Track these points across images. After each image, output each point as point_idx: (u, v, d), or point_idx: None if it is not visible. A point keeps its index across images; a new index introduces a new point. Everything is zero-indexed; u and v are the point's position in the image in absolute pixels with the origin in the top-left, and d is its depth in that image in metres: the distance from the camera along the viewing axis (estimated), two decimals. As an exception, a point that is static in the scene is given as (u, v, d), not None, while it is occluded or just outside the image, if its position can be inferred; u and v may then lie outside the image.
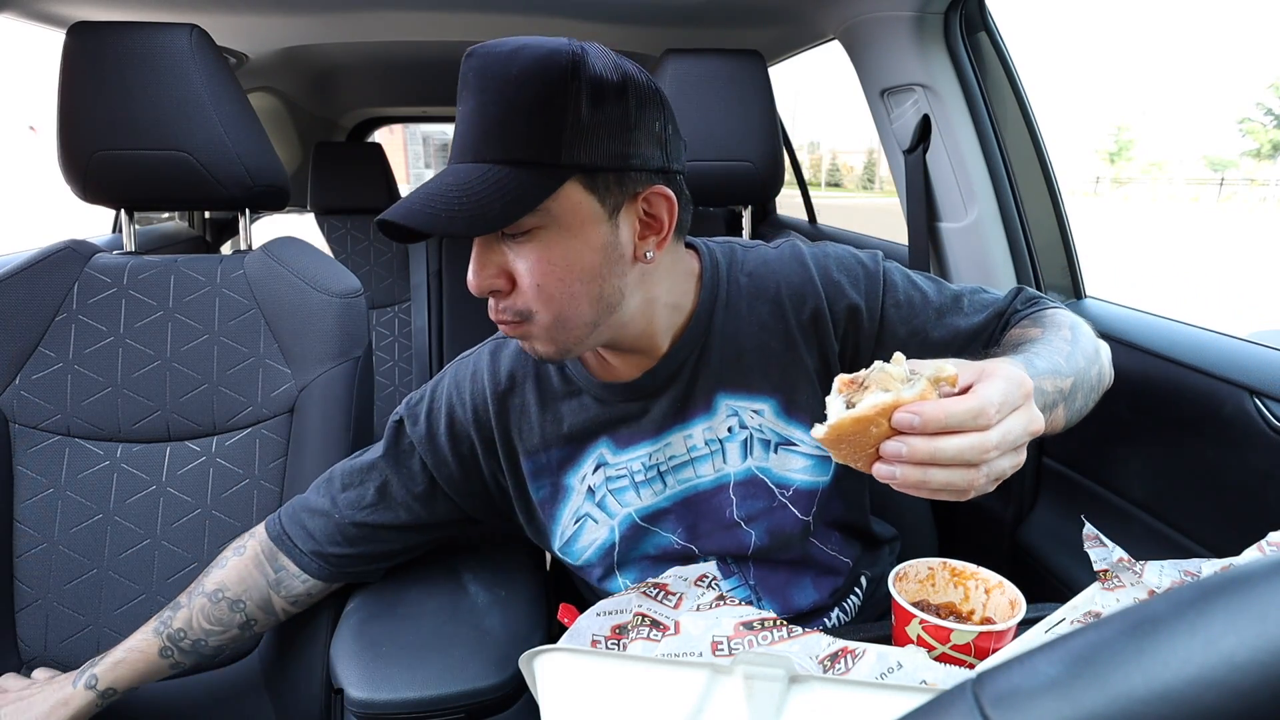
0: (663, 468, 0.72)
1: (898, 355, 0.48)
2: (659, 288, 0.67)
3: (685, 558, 0.74)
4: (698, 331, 0.71)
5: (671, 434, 0.72)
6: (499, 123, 0.57)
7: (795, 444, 0.73)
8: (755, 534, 0.73)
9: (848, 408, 0.46)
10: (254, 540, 0.79)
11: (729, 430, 0.72)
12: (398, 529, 0.77)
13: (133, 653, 0.76)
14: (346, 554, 0.77)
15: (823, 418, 0.47)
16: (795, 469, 0.73)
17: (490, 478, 0.77)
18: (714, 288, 0.71)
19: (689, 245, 0.74)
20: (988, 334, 0.72)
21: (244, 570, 0.77)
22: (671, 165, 0.63)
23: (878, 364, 0.48)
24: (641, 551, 0.75)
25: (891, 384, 0.46)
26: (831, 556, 0.79)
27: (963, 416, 0.44)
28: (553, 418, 0.73)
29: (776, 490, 0.73)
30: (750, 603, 0.75)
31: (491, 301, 0.62)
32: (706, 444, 0.72)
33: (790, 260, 0.73)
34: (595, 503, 0.74)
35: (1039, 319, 0.70)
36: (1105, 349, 0.72)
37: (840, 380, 0.48)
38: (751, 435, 0.72)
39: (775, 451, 0.73)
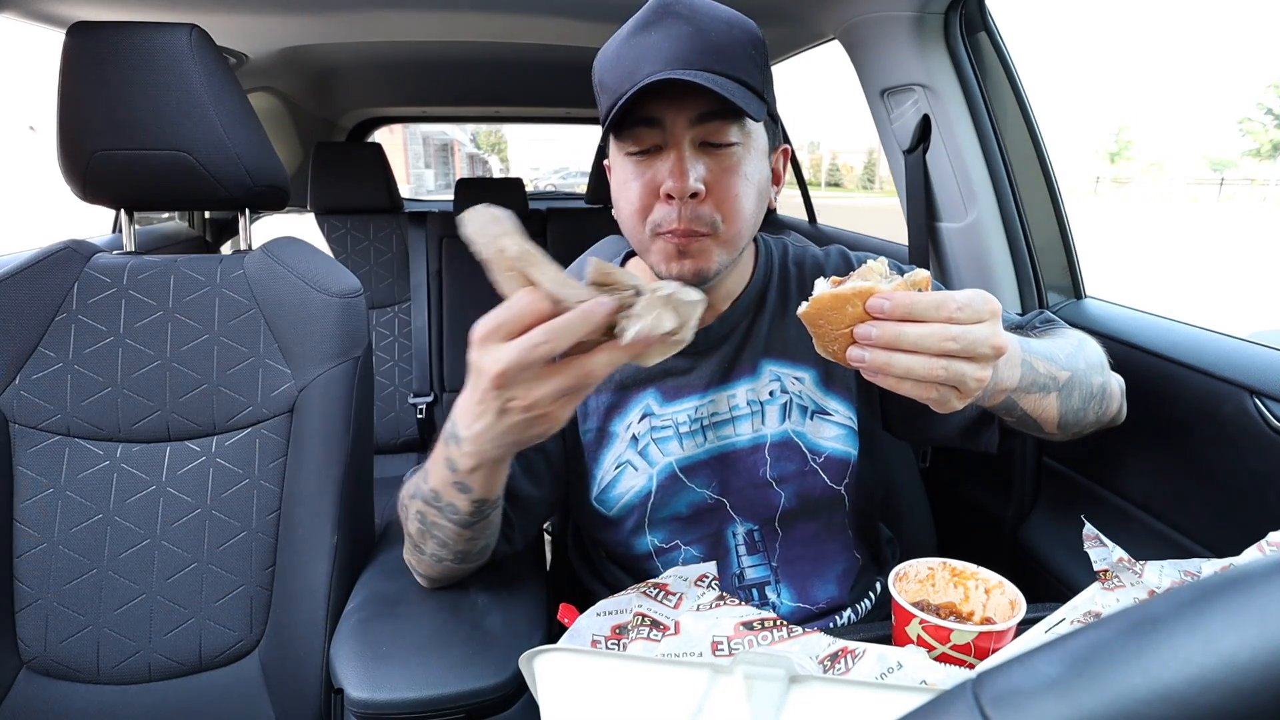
0: (705, 422, 0.77)
1: (881, 257, 0.54)
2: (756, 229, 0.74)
3: (716, 512, 0.78)
4: (752, 300, 0.79)
5: (717, 392, 0.77)
6: (725, 49, 0.63)
7: (830, 414, 0.79)
8: (785, 495, 0.78)
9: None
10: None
11: (770, 394, 0.78)
12: (524, 496, 0.75)
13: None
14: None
15: (853, 390, 0.57)
16: (828, 437, 0.78)
17: None
18: (768, 267, 0.81)
19: None
20: None
21: None
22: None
23: (865, 262, 0.54)
24: (673, 510, 0.77)
25: (872, 276, 0.52)
26: (852, 552, 0.82)
27: (926, 306, 0.49)
28: None
29: (809, 455, 0.78)
30: (767, 584, 0.77)
31: (678, 211, 0.65)
32: (748, 404, 0.77)
33: (837, 257, 0.83)
34: (638, 450, 0.77)
35: (1051, 331, 0.76)
36: (1118, 378, 0.75)
37: (832, 279, 0.53)
38: (791, 400, 0.78)
39: (811, 418, 0.78)
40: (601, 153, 2.61)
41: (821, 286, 0.52)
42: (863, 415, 0.80)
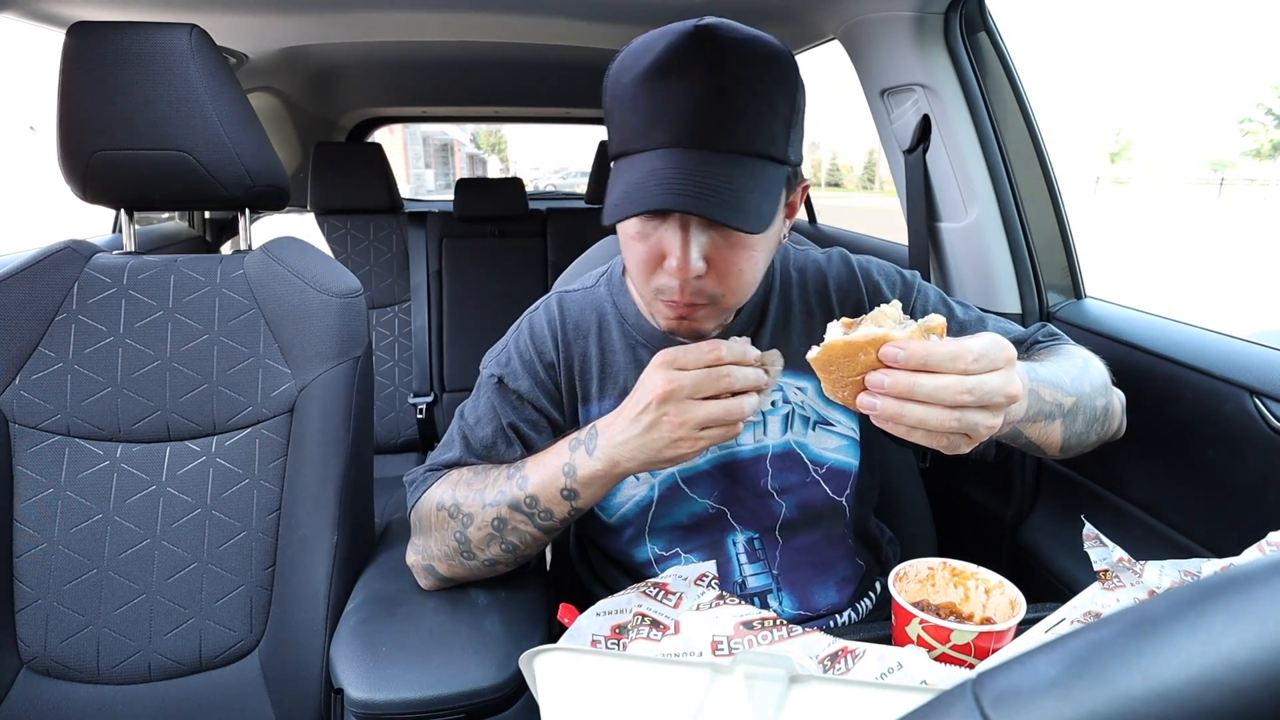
0: None
1: (895, 301, 0.52)
2: None
3: (717, 521, 0.77)
4: (755, 310, 0.77)
5: None
6: (749, 114, 0.57)
7: (832, 424, 0.78)
8: (786, 505, 0.77)
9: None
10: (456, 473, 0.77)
11: (773, 404, 0.77)
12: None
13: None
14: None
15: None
16: (830, 448, 0.78)
17: (570, 412, 0.79)
18: (770, 275, 0.78)
19: None
20: None
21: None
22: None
23: (878, 306, 0.52)
24: (674, 519, 0.77)
25: (885, 321, 0.50)
26: (853, 558, 0.82)
27: (942, 357, 0.48)
28: (610, 371, 0.77)
29: (811, 466, 0.77)
30: (769, 592, 0.77)
31: (679, 284, 0.62)
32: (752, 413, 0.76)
33: (839, 262, 0.81)
34: None
35: (1055, 349, 0.75)
36: (1119, 395, 0.75)
37: (843, 320, 0.52)
38: (794, 410, 0.77)
39: (813, 429, 0.78)
40: (602, 153, 2.62)
41: (834, 332, 0.50)
42: (865, 425, 0.80)
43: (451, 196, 2.31)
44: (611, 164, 0.64)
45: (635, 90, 0.58)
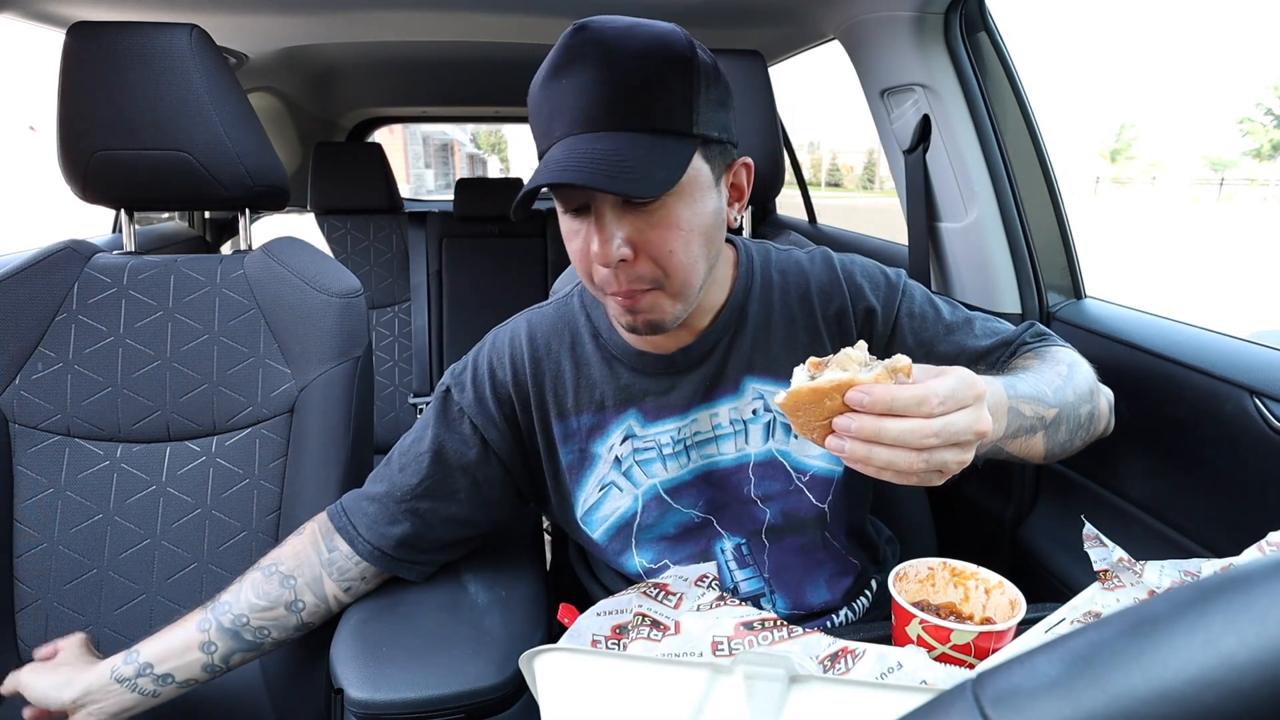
0: (688, 442, 0.76)
1: (860, 343, 0.52)
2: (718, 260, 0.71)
3: (704, 529, 0.77)
4: (732, 315, 0.75)
5: (699, 411, 0.75)
6: (637, 93, 0.59)
7: None
8: (770, 512, 0.76)
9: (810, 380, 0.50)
10: (313, 523, 0.78)
11: (753, 412, 0.75)
12: (450, 515, 0.77)
13: (172, 629, 0.75)
14: (401, 536, 0.75)
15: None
16: (813, 454, 0.76)
17: (529, 439, 0.78)
18: (749, 278, 0.77)
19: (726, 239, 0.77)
20: (993, 359, 0.75)
21: (299, 547, 0.76)
22: (735, 140, 0.70)
23: (843, 349, 0.51)
24: (660, 530, 0.77)
25: (850, 365, 0.50)
26: (844, 557, 0.81)
27: (907, 402, 0.48)
28: (586, 384, 0.76)
29: (794, 474, 0.76)
30: (763, 595, 0.76)
31: (613, 273, 0.63)
32: (731, 423, 0.76)
33: (821, 264, 0.79)
34: (621, 472, 0.76)
35: (1041, 353, 0.73)
36: (1107, 394, 0.74)
37: (810, 360, 0.52)
38: (775, 418, 0.75)
39: (796, 436, 0.76)
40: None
41: (799, 378, 0.50)
42: None
43: (451, 196, 2.31)
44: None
45: (536, 97, 0.63)
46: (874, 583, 0.84)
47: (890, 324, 0.76)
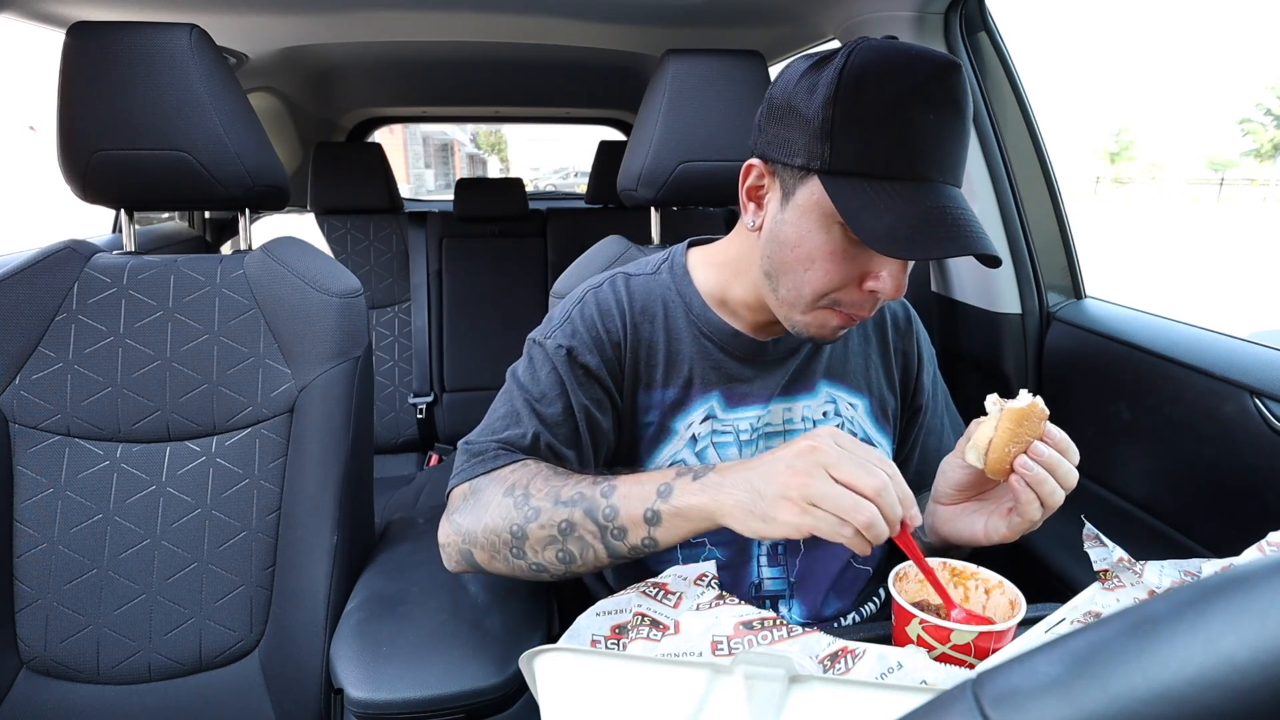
0: (763, 432, 0.78)
1: (1023, 392, 0.62)
2: None
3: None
4: None
5: (777, 403, 0.78)
6: (968, 149, 0.64)
7: (874, 445, 0.75)
8: None
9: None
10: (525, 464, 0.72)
11: (824, 414, 0.79)
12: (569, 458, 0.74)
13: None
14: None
15: (896, 430, 0.81)
16: None
17: (625, 401, 0.77)
18: None
19: None
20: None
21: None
22: None
23: (1002, 403, 0.62)
24: None
25: (1030, 422, 0.61)
26: (866, 573, 0.83)
27: (1068, 446, 0.62)
28: (676, 359, 0.77)
29: None
30: (781, 598, 0.77)
31: (872, 304, 0.67)
32: (803, 420, 0.79)
33: (899, 303, 0.86)
34: (695, 451, 0.77)
35: None
36: None
37: (992, 398, 0.63)
38: (843, 425, 0.79)
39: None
40: (603, 152, 2.61)
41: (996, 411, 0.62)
42: (895, 455, 0.84)
43: (451, 196, 2.31)
44: (831, 177, 0.61)
45: (892, 107, 0.58)
46: (881, 591, 0.85)
47: (916, 375, 0.86)
